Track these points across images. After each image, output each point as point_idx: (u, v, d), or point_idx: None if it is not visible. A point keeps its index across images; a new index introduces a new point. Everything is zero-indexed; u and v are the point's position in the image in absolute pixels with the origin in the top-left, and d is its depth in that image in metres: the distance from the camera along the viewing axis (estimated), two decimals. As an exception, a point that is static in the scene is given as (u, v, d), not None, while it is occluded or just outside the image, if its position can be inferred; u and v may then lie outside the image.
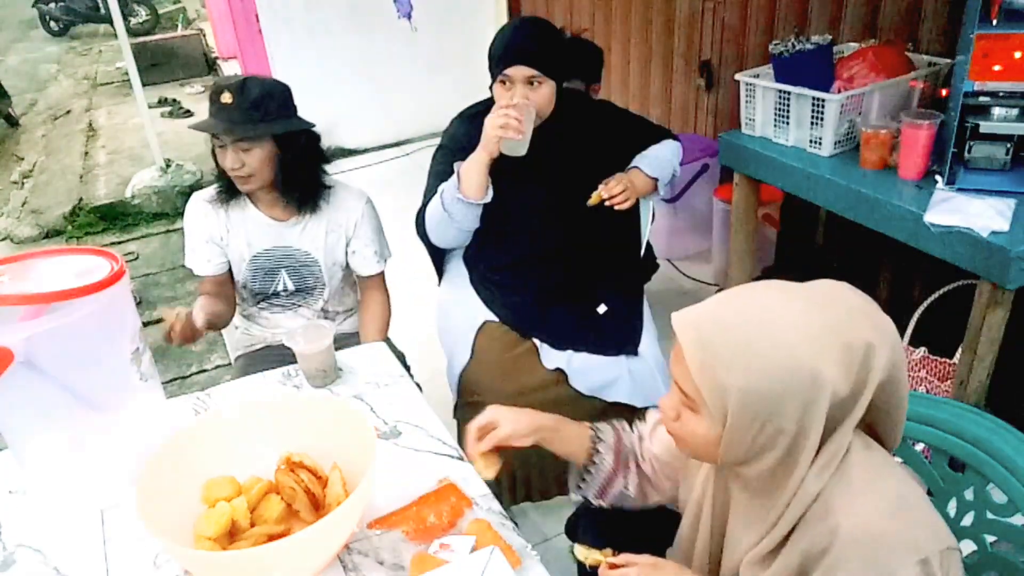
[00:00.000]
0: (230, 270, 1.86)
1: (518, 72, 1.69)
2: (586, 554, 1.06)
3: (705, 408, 0.86)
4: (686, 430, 0.91)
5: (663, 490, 1.20)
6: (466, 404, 1.83)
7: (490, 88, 1.78)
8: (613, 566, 1.02)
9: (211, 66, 7.82)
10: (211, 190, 1.83)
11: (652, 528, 1.18)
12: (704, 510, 1.03)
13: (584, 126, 1.87)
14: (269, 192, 1.77)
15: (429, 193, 1.87)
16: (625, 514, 1.25)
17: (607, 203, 1.78)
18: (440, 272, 2.12)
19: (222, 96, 1.63)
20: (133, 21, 8.98)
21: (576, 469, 1.24)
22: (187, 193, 1.92)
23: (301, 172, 1.75)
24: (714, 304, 0.88)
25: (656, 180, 1.88)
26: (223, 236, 1.80)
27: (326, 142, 1.84)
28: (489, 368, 1.80)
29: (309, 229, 1.82)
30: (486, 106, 1.77)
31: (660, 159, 1.90)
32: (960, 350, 1.79)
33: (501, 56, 1.70)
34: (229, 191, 1.77)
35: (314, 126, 1.76)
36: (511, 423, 1.18)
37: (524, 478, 1.85)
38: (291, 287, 1.86)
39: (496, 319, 1.88)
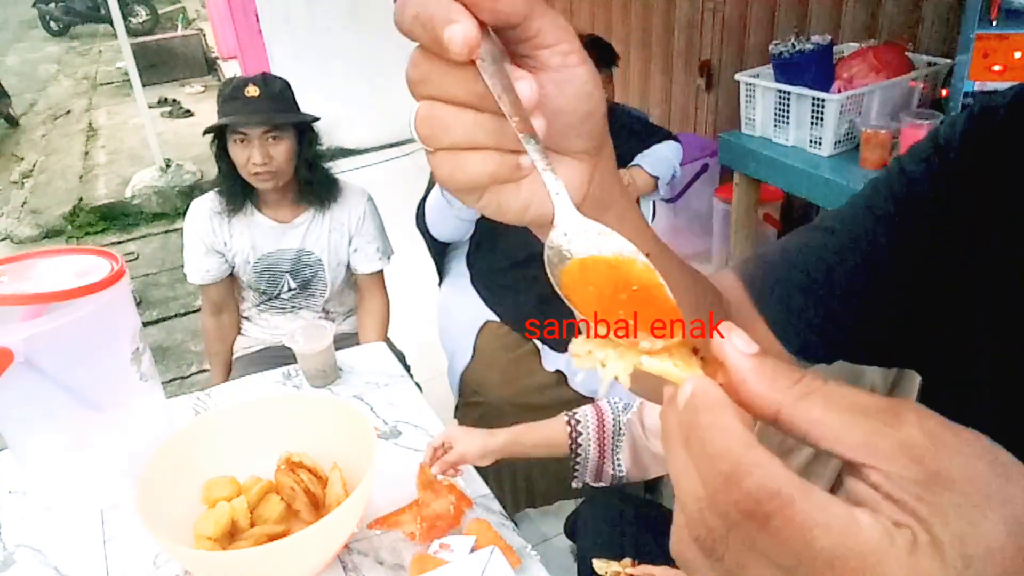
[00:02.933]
0: (230, 275, 1.86)
1: None
2: (605, 567, 1.06)
3: None
4: None
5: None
6: (467, 404, 1.83)
7: None
8: None
9: (211, 66, 7.82)
10: (215, 199, 1.80)
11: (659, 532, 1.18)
12: None
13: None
14: (279, 192, 1.77)
15: (431, 184, 1.87)
16: (623, 519, 1.25)
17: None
18: (441, 272, 2.12)
19: (247, 89, 1.64)
20: (133, 21, 8.98)
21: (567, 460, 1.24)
22: (187, 193, 1.92)
23: (317, 166, 1.77)
24: None
25: (657, 179, 1.89)
26: (226, 242, 1.80)
27: (326, 142, 1.84)
28: (490, 368, 1.80)
29: (313, 229, 1.82)
30: None
31: (661, 158, 1.90)
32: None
33: None
34: (236, 200, 1.76)
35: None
36: (463, 445, 1.17)
37: (526, 486, 1.85)
38: (295, 288, 1.86)
39: (497, 319, 1.88)
